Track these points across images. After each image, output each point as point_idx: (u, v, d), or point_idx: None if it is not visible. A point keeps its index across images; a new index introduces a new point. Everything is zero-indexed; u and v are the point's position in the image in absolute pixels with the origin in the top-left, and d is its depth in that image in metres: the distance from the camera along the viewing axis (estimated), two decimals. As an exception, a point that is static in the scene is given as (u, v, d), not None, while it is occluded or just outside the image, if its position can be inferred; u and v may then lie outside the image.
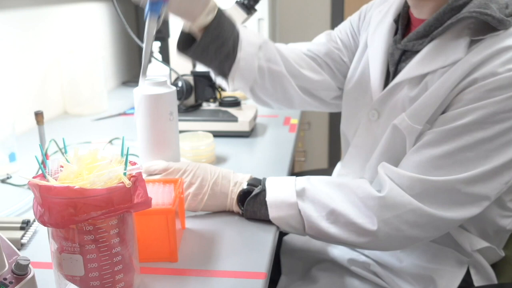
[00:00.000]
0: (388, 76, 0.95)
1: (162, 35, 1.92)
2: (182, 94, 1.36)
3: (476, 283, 0.93)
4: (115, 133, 1.35)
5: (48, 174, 0.65)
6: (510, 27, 0.79)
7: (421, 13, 0.90)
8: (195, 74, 1.39)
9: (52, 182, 0.63)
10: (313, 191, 0.86)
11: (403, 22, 0.95)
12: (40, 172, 0.65)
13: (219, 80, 1.07)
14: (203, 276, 0.73)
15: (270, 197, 0.86)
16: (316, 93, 1.13)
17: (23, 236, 0.82)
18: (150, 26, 0.84)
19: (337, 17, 2.36)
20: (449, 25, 0.82)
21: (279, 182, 0.89)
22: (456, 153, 0.78)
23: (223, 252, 0.80)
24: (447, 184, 0.78)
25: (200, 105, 1.41)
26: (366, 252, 1.00)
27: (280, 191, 0.87)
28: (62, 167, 0.66)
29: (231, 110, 1.38)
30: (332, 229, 0.83)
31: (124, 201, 0.63)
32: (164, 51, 1.62)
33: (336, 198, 0.84)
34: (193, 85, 1.39)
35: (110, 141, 1.28)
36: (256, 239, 0.83)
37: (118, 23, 2.06)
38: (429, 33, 0.86)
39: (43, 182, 0.61)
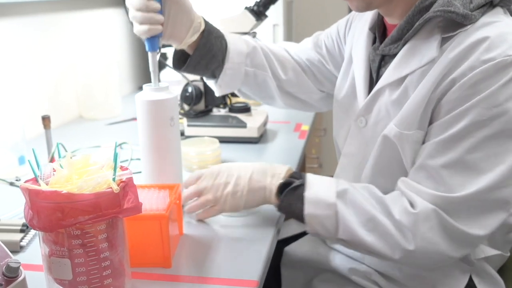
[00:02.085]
0: (372, 83, 0.96)
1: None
2: (192, 99, 1.37)
3: None
4: (127, 137, 1.36)
5: (41, 178, 0.66)
6: (477, 21, 0.79)
7: (393, 19, 0.91)
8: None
9: (42, 187, 0.63)
10: (356, 195, 0.83)
11: (379, 29, 0.96)
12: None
13: (210, 84, 1.14)
14: (195, 283, 0.73)
15: (309, 193, 0.84)
16: (297, 96, 1.18)
17: (22, 238, 0.83)
18: (153, 59, 0.93)
19: (355, 23, 2.34)
20: (418, 26, 0.83)
21: (321, 179, 0.87)
22: (464, 157, 0.76)
23: (218, 259, 0.80)
24: (470, 197, 0.76)
25: (210, 110, 1.42)
26: (367, 261, 0.98)
27: (320, 188, 0.85)
28: (55, 171, 0.67)
29: (241, 116, 1.38)
30: (369, 237, 0.81)
31: (112, 206, 0.63)
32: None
33: (375, 209, 0.82)
34: (203, 91, 1.39)
35: (120, 145, 1.30)
36: (252, 247, 0.83)
37: (131, 30, 2.08)
38: (402, 36, 0.87)
39: (33, 186, 0.62)
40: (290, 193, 0.86)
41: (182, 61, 1.05)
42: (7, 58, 1.37)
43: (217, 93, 1.12)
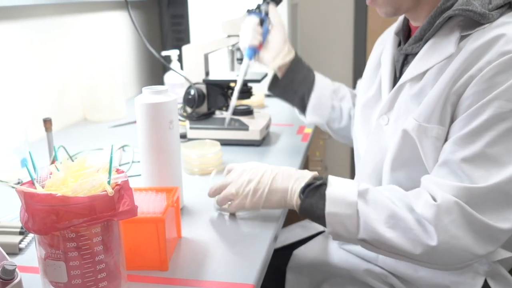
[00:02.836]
0: (396, 82, 0.99)
1: (181, 43, 1.94)
2: (194, 102, 1.37)
3: None
4: (130, 140, 1.36)
5: (37, 181, 0.66)
6: (495, 21, 0.82)
7: (417, 21, 0.95)
8: (208, 82, 1.39)
9: (37, 189, 0.64)
10: (375, 193, 0.83)
11: (404, 33, 1.01)
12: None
13: (301, 116, 1.30)
14: (191, 286, 0.73)
15: (330, 191, 0.85)
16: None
17: (21, 241, 0.83)
18: (244, 66, 1.21)
19: (360, 24, 2.33)
20: (438, 25, 0.87)
21: (343, 180, 0.88)
22: (486, 150, 0.77)
23: (215, 262, 0.79)
24: (493, 188, 0.76)
25: (212, 113, 1.42)
26: (381, 263, 0.98)
27: (342, 187, 0.85)
28: (52, 174, 0.67)
29: (243, 119, 1.37)
30: (390, 233, 0.80)
31: (107, 209, 0.63)
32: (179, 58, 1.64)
33: (396, 204, 0.81)
34: (206, 93, 1.39)
35: (122, 147, 1.30)
36: (251, 250, 0.83)
37: (141, 31, 2.09)
38: (423, 36, 0.91)
39: (28, 189, 0.62)
40: (312, 193, 0.86)
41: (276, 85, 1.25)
42: (12, 61, 1.38)
43: (307, 120, 1.25)
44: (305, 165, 2.04)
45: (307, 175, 0.90)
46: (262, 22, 1.22)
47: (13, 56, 1.38)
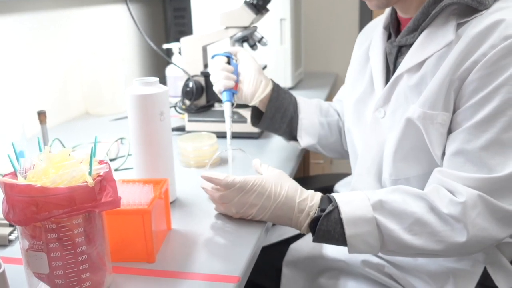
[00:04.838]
0: (389, 74, 0.98)
1: (183, 36, 1.93)
2: (192, 94, 1.37)
3: (497, 283, 0.90)
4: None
5: (20, 172, 0.66)
6: (491, 6, 0.82)
7: (408, 13, 0.94)
8: (206, 75, 1.38)
9: (19, 180, 0.63)
10: (391, 203, 0.82)
11: (393, 26, 0.99)
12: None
13: (291, 142, 1.22)
14: (176, 278, 0.73)
15: (345, 214, 0.82)
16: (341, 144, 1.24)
17: (11, 233, 0.84)
18: (227, 111, 1.08)
19: (365, 16, 2.30)
20: (435, 14, 0.86)
21: (351, 197, 0.85)
22: (500, 136, 0.77)
23: (203, 255, 0.79)
24: (511, 174, 0.77)
25: (211, 105, 1.41)
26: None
27: (355, 206, 0.83)
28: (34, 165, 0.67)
29: (242, 111, 1.36)
30: (417, 241, 0.80)
31: (88, 200, 0.63)
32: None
33: (417, 208, 0.80)
34: (204, 86, 1.39)
35: (119, 139, 1.30)
36: (240, 243, 0.82)
37: (143, 25, 2.09)
38: (418, 27, 0.90)
39: (8, 180, 0.62)
40: (325, 220, 0.83)
41: (259, 118, 1.17)
42: (13, 55, 1.38)
43: (303, 143, 1.18)
44: (306, 156, 2.03)
45: (312, 204, 0.85)
46: (229, 62, 1.13)
47: (14, 50, 1.39)
